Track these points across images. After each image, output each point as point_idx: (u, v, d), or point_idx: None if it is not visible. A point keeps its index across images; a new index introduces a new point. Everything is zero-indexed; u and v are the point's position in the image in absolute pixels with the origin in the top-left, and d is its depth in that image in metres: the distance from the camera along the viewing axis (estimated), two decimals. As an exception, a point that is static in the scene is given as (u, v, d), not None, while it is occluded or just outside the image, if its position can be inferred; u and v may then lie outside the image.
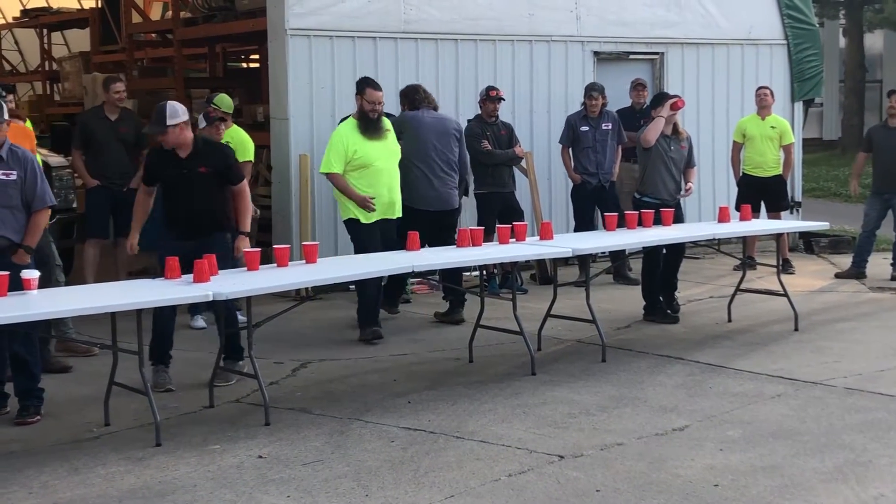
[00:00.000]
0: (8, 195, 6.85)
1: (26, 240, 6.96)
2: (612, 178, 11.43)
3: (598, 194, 11.35)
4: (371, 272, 8.21)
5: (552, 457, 6.01)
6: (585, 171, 11.34)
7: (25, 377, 6.93)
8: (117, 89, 10.31)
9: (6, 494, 5.56)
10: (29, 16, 21.39)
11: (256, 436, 6.47)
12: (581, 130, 11.33)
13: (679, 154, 9.56)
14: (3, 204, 6.85)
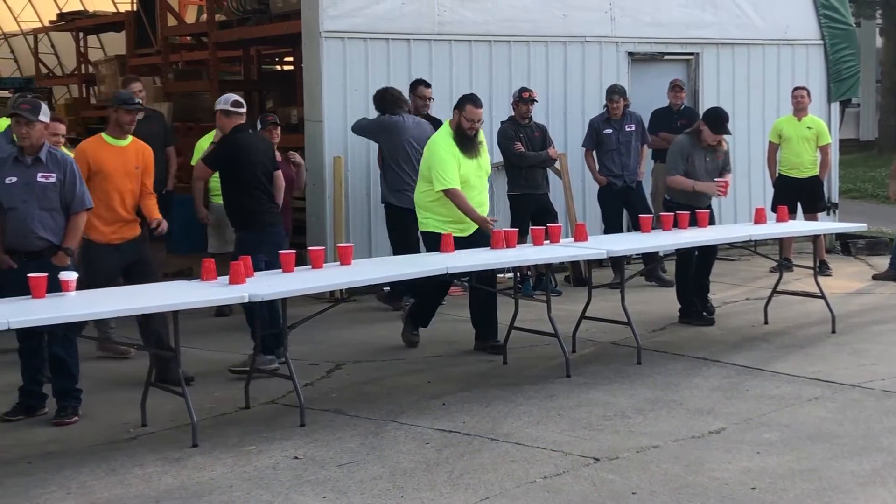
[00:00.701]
0: (48, 197, 6.93)
1: (66, 242, 7.03)
2: (638, 178, 11.41)
3: (625, 195, 11.33)
4: (405, 274, 8.22)
5: (588, 459, 6.00)
6: (611, 172, 11.33)
7: (64, 378, 6.99)
8: (133, 89, 10.29)
9: (45, 494, 5.61)
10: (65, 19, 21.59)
11: (292, 437, 6.49)
12: (605, 133, 11.32)
13: (714, 164, 9.52)
14: (44, 206, 6.93)
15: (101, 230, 7.67)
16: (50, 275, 6.52)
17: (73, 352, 7.02)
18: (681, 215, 9.02)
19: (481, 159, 8.56)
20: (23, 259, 6.89)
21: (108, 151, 7.75)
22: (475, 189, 8.51)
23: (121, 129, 7.74)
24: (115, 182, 7.69)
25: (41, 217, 6.94)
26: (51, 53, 25.24)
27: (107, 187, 7.67)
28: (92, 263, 7.59)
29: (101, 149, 7.76)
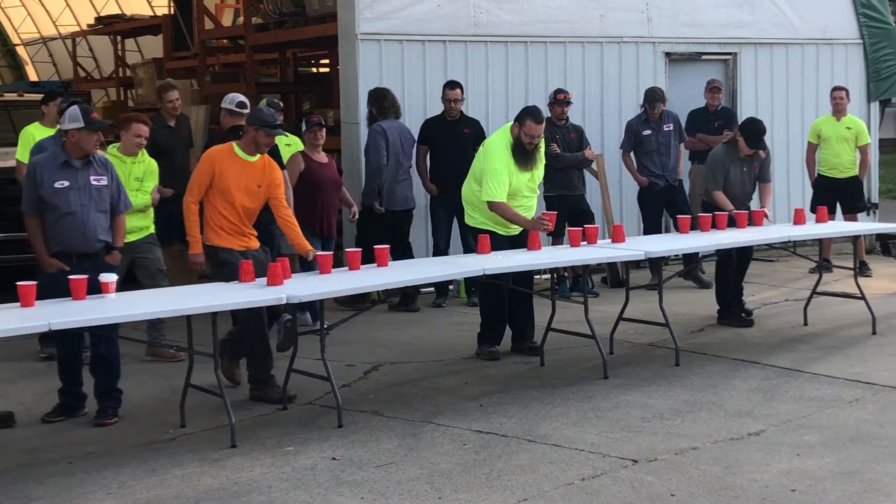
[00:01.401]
0: (102, 199, 7.07)
1: (116, 241, 7.16)
2: (678, 177, 11.36)
3: (666, 195, 11.31)
4: (441, 276, 8.28)
5: (626, 461, 5.99)
6: (652, 173, 11.31)
7: (106, 378, 7.07)
8: (171, 98, 10.35)
9: (85, 495, 5.67)
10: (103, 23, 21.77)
11: (329, 438, 6.52)
12: (643, 134, 11.31)
13: (750, 174, 9.48)
14: (99, 208, 7.07)
15: (224, 237, 7.51)
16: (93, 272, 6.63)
17: (116, 352, 7.09)
18: (719, 216, 8.99)
19: (536, 171, 8.48)
20: (74, 261, 6.97)
21: (236, 165, 7.46)
22: (526, 199, 8.45)
23: (256, 148, 7.47)
24: (232, 196, 7.45)
25: (99, 219, 7.07)
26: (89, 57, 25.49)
27: (226, 197, 7.46)
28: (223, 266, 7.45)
29: (229, 160, 7.46)
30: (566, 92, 10.88)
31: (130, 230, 8.34)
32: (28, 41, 30.23)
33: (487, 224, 8.36)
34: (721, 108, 12.02)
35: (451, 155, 10.35)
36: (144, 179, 8.46)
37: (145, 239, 8.49)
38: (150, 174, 8.52)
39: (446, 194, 10.45)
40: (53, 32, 28.20)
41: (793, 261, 12.04)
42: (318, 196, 9.45)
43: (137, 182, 8.40)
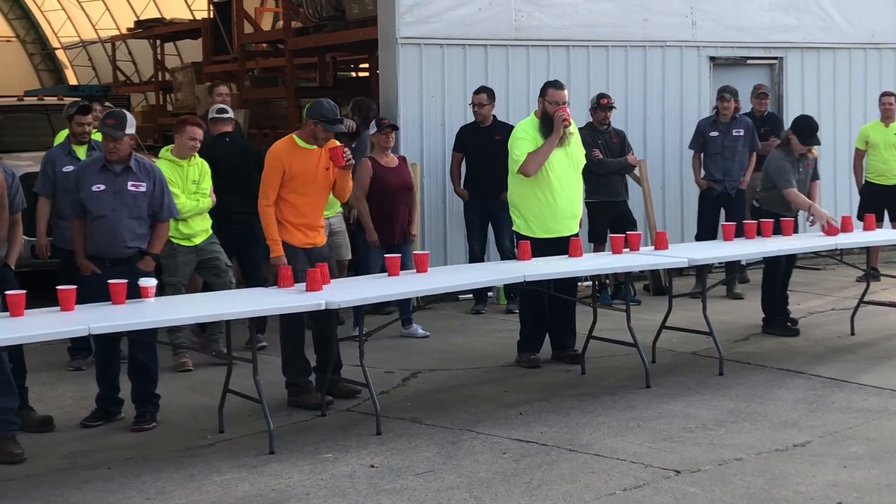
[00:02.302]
0: (137, 206, 7.11)
1: (151, 248, 7.19)
2: (739, 186, 11.23)
3: (723, 201, 11.22)
4: (482, 282, 8.29)
5: (668, 471, 5.97)
6: (711, 177, 11.23)
7: (144, 383, 7.13)
8: (220, 91, 10.45)
9: (124, 500, 5.71)
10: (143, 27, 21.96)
11: (368, 445, 6.54)
12: (710, 136, 11.21)
13: (805, 174, 9.45)
14: (133, 215, 7.11)
15: (291, 232, 7.52)
16: (132, 281, 6.67)
17: (154, 358, 7.16)
18: (764, 223, 8.95)
19: (570, 149, 8.39)
20: (107, 264, 7.05)
21: (301, 154, 7.49)
22: (563, 179, 8.32)
23: (315, 141, 7.48)
24: (303, 186, 7.48)
25: (130, 225, 7.10)
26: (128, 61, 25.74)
27: (297, 189, 7.48)
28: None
29: (293, 152, 7.50)
30: (609, 97, 10.85)
31: (194, 233, 8.46)
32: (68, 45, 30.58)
33: (528, 229, 8.34)
34: (767, 114, 11.96)
35: (483, 161, 10.37)
36: (200, 181, 8.53)
37: (209, 240, 8.58)
38: (205, 175, 8.61)
39: (479, 200, 10.49)
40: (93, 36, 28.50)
41: (840, 269, 11.96)
42: (389, 201, 9.34)
43: (194, 185, 8.48)
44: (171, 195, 7.33)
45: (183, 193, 8.36)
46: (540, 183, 8.25)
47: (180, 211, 8.22)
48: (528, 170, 8.19)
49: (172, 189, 8.20)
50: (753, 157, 11.31)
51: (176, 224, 8.35)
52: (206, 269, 8.61)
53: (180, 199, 8.29)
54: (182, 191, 8.37)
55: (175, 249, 8.40)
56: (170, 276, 8.40)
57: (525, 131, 8.33)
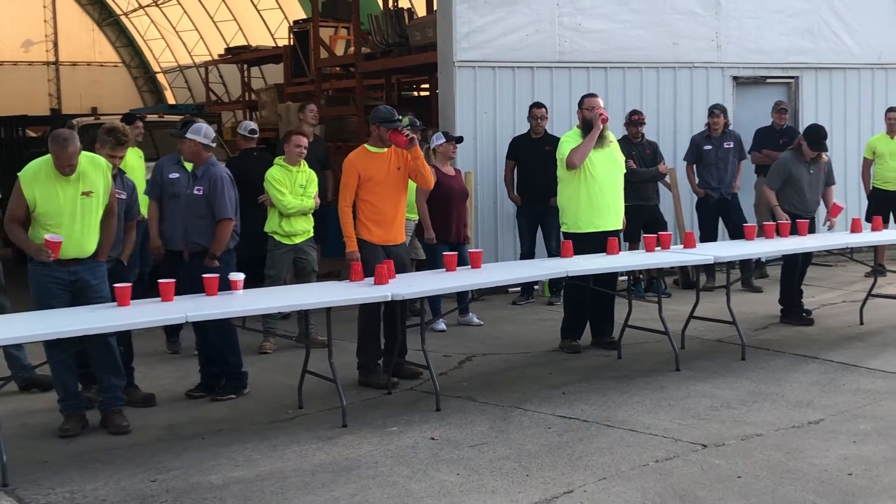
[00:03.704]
0: (199, 207, 7.19)
1: (211, 247, 7.21)
2: (733, 191, 11.18)
3: (721, 206, 11.15)
4: (527, 277, 8.25)
5: (696, 445, 5.92)
6: (708, 185, 11.16)
7: (223, 363, 7.24)
8: (311, 109, 10.47)
9: (216, 466, 5.76)
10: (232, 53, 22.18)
11: (429, 420, 6.54)
12: (704, 149, 11.16)
13: (817, 176, 9.34)
14: (197, 214, 7.19)
15: (372, 230, 7.51)
16: (196, 274, 6.78)
17: (231, 341, 7.21)
18: (782, 224, 8.85)
19: (610, 153, 8.32)
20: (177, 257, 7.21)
21: (372, 160, 7.50)
22: (605, 178, 8.23)
23: (382, 142, 7.45)
24: (378, 188, 7.46)
25: (196, 224, 7.19)
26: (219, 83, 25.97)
27: (373, 190, 7.47)
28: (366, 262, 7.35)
29: (366, 158, 7.51)
30: (641, 113, 10.78)
31: (295, 232, 8.51)
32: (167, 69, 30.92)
33: (577, 224, 8.27)
34: (786, 127, 11.83)
35: (533, 169, 10.34)
36: (307, 186, 8.59)
37: (307, 242, 8.64)
38: (311, 181, 8.67)
39: (529, 205, 10.46)
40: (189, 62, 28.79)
41: (850, 266, 11.80)
42: (450, 205, 9.30)
43: (301, 188, 8.56)
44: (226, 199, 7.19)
45: (290, 194, 8.45)
46: (585, 181, 8.21)
47: (286, 208, 8.40)
48: (573, 161, 8.16)
49: (281, 189, 8.34)
50: (741, 164, 11.26)
51: (279, 222, 8.45)
52: (296, 267, 8.67)
53: (287, 197, 8.45)
54: (290, 192, 8.46)
55: (277, 245, 8.49)
56: (269, 269, 8.51)
57: (569, 138, 8.35)
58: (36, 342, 5.97)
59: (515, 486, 5.34)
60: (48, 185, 6.24)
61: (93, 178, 6.39)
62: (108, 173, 6.53)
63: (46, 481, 5.58)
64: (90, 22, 31.40)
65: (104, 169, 6.51)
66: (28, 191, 6.22)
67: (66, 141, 6.18)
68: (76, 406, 6.49)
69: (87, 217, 6.39)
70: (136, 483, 5.52)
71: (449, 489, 5.30)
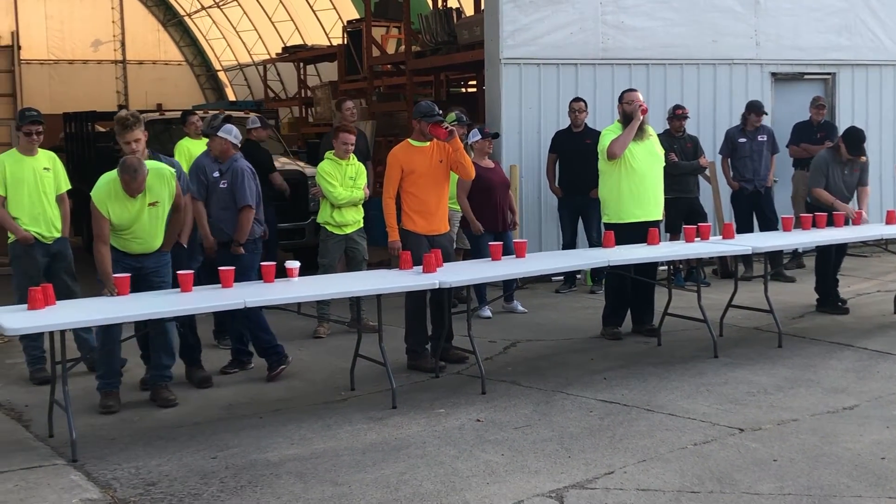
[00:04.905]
0: (225, 199, 7.36)
1: (235, 235, 7.38)
2: (766, 184, 11.05)
3: (755, 199, 11.02)
4: (569, 266, 8.22)
5: (733, 429, 5.86)
6: (742, 178, 11.04)
7: (256, 342, 7.35)
8: (348, 107, 10.48)
9: (272, 444, 5.81)
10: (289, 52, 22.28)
11: (474, 402, 6.54)
12: (739, 142, 11.03)
13: (851, 177, 9.20)
14: (222, 206, 7.36)
15: (416, 221, 7.51)
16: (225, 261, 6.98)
17: (257, 319, 7.26)
18: (819, 216, 8.73)
19: (650, 145, 8.25)
20: None
21: (415, 153, 7.49)
22: (645, 169, 8.17)
23: (424, 136, 7.44)
24: (421, 181, 7.44)
25: (225, 216, 7.37)
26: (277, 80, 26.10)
27: (416, 182, 7.46)
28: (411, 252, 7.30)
29: (409, 152, 7.51)
30: (683, 108, 10.68)
31: (346, 223, 8.55)
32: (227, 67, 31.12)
33: (618, 215, 8.21)
34: (824, 122, 11.67)
35: (574, 162, 10.28)
36: (357, 178, 8.62)
37: (358, 232, 8.67)
38: (360, 174, 8.69)
39: (570, 196, 10.40)
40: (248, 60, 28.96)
41: (884, 256, 11.59)
42: (491, 196, 9.23)
43: (351, 181, 8.59)
44: (247, 188, 7.38)
45: (340, 185, 8.49)
46: (626, 173, 8.15)
47: (337, 200, 8.46)
48: (614, 151, 8.10)
49: (332, 181, 8.39)
50: (774, 158, 11.11)
51: (331, 212, 8.50)
52: (347, 256, 8.71)
53: (337, 189, 8.50)
54: (340, 184, 8.50)
55: (329, 235, 8.54)
56: (322, 258, 8.56)
57: (610, 131, 8.30)
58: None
59: (558, 466, 5.32)
60: (118, 202, 6.47)
61: (157, 190, 6.58)
62: (172, 180, 6.67)
63: (113, 457, 5.66)
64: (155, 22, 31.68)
65: (168, 178, 6.66)
66: (103, 209, 6.44)
67: (136, 171, 6.37)
68: (116, 384, 6.67)
69: (154, 222, 6.62)
70: (198, 459, 5.58)
71: (494, 469, 5.30)
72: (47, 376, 6.73)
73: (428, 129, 7.39)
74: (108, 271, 6.38)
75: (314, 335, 8.62)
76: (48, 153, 7.62)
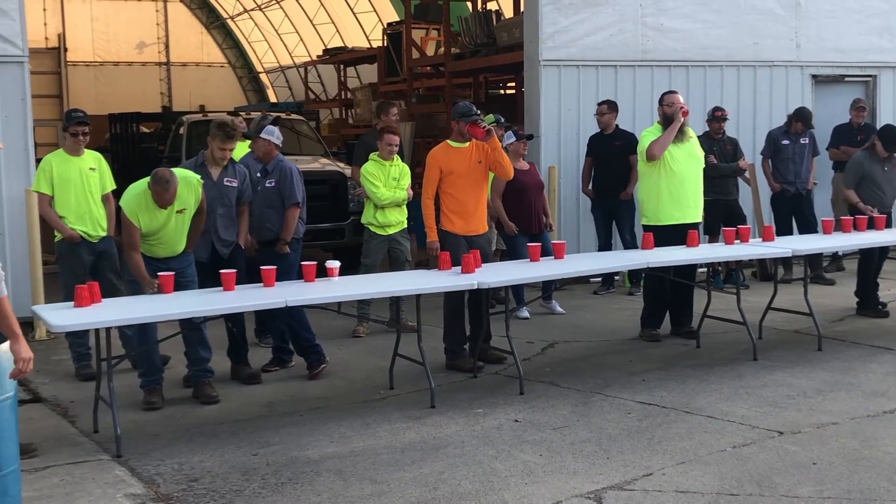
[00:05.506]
0: (271, 198, 7.41)
1: (282, 233, 7.42)
2: (808, 187, 10.96)
3: (796, 201, 10.91)
4: (608, 267, 8.19)
5: (772, 432, 5.80)
6: (785, 179, 10.94)
7: (298, 340, 7.37)
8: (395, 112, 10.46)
9: (313, 442, 5.83)
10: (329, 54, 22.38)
11: (513, 403, 6.52)
12: (782, 143, 10.94)
13: (892, 173, 9.11)
14: (269, 205, 7.39)
15: (455, 221, 7.50)
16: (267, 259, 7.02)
17: (299, 317, 7.28)
18: (859, 219, 8.62)
19: (690, 147, 8.20)
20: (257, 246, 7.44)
21: (454, 154, 7.50)
22: (684, 172, 8.12)
23: (463, 137, 7.44)
24: (460, 181, 7.43)
25: (268, 214, 7.40)
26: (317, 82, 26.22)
27: (455, 182, 7.44)
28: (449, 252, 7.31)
29: (448, 153, 7.52)
30: (723, 109, 10.60)
31: (389, 223, 8.57)
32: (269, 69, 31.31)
33: (657, 217, 8.16)
34: (864, 124, 11.53)
35: (604, 165, 10.29)
36: (400, 179, 8.63)
37: (401, 233, 8.69)
38: (404, 175, 8.70)
39: (601, 199, 10.40)
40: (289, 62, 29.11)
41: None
42: (524, 198, 9.19)
43: (394, 181, 8.60)
44: (295, 187, 7.45)
45: (384, 186, 8.51)
46: (665, 175, 8.10)
47: (380, 200, 8.48)
48: (653, 152, 8.06)
49: (375, 182, 8.40)
50: (814, 161, 11.04)
51: (374, 213, 8.53)
52: (390, 257, 8.72)
53: (380, 189, 8.51)
54: (383, 184, 8.52)
55: (372, 235, 8.56)
56: (364, 258, 8.59)
57: (650, 132, 8.26)
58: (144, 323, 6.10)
59: (596, 467, 5.30)
60: (148, 211, 6.57)
61: (185, 198, 6.67)
62: (198, 188, 6.77)
63: (156, 453, 5.70)
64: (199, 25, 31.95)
65: (195, 185, 6.76)
66: (134, 219, 6.53)
67: (167, 183, 6.46)
68: (159, 381, 6.74)
69: (180, 227, 6.73)
70: (239, 456, 5.61)
71: (532, 469, 5.28)
72: (93, 373, 6.80)
73: (466, 130, 7.38)
74: (144, 275, 6.48)
75: (353, 334, 8.65)
76: (94, 153, 7.71)
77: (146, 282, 6.43)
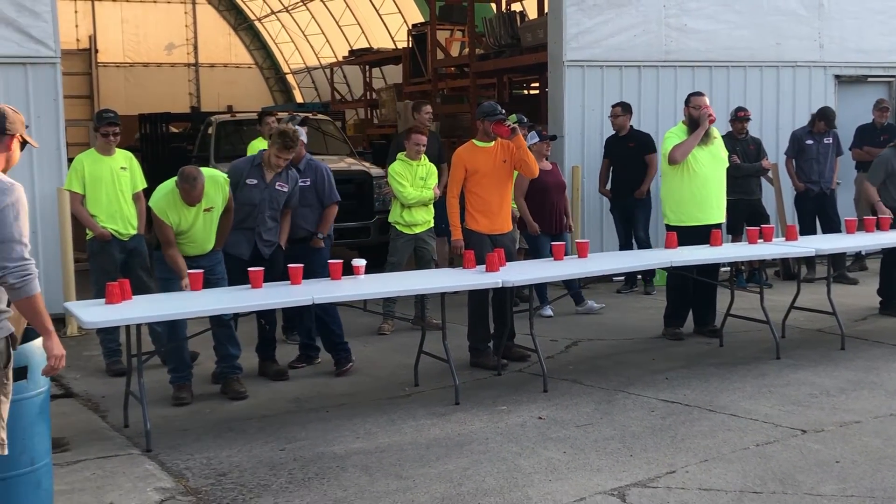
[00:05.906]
0: (306, 197, 7.42)
1: (320, 229, 7.49)
2: (832, 187, 10.90)
3: (819, 201, 10.85)
4: (631, 266, 8.14)
5: (795, 431, 5.77)
6: (809, 179, 10.89)
7: (329, 335, 7.38)
8: (428, 111, 10.49)
9: (339, 438, 5.85)
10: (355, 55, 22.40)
11: (536, 400, 6.52)
12: (806, 143, 10.89)
13: None
14: (304, 204, 7.40)
15: (479, 220, 7.50)
16: (300, 256, 7.04)
17: (332, 313, 7.30)
18: (883, 219, 8.55)
19: (714, 149, 8.14)
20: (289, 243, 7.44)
21: (479, 154, 7.49)
22: (708, 174, 8.07)
23: (488, 136, 7.42)
24: (485, 180, 7.43)
25: (303, 212, 7.43)
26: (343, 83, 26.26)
27: (480, 181, 7.43)
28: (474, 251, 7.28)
29: (473, 152, 7.52)
30: (746, 110, 10.55)
31: (416, 222, 8.58)
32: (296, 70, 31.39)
33: (679, 218, 8.13)
34: (887, 125, 11.44)
35: (619, 166, 10.31)
36: (427, 179, 8.64)
37: (427, 232, 8.70)
38: (431, 175, 8.71)
39: (617, 199, 10.38)
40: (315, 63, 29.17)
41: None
42: (546, 198, 9.14)
43: (421, 181, 8.62)
44: (333, 185, 7.55)
45: (410, 186, 8.52)
46: (689, 177, 8.06)
47: (406, 199, 8.50)
48: (675, 157, 8.02)
49: (402, 181, 8.42)
50: (838, 161, 10.98)
51: (401, 212, 8.54)
52: (416, 256, 8.73)
53: (407, 189, 8.53)
54: (410, 184, 8.53)
55: (398, 234, 8.58)
56: (391, 256, 8.61)
57: (674, 133, 8.21)
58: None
59: (619, 465, 5.28)
60: (176, 209, 6.63)
61: (212, 196, 6.72)
62: (225, 187, 6.82)
63: (186, 447, 5.74)
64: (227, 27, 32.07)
65: (223, 184, 6.81)
66: (164, 217, 6.60)
67: (195, 180, 6.52)
68: (188, 376, 6.79)
69: (208, 226, 6.78)
70: (267, 451, 5.63)
71: (556, 466, 5.28)
72: (123, 368, 6.85)
73: (491, 128, 7.38)
74: (183, 267, 6.53)
75: (378, 332, 8.67)
76: (125, 153, 7.76)
77: (184, 273, 6.46)
